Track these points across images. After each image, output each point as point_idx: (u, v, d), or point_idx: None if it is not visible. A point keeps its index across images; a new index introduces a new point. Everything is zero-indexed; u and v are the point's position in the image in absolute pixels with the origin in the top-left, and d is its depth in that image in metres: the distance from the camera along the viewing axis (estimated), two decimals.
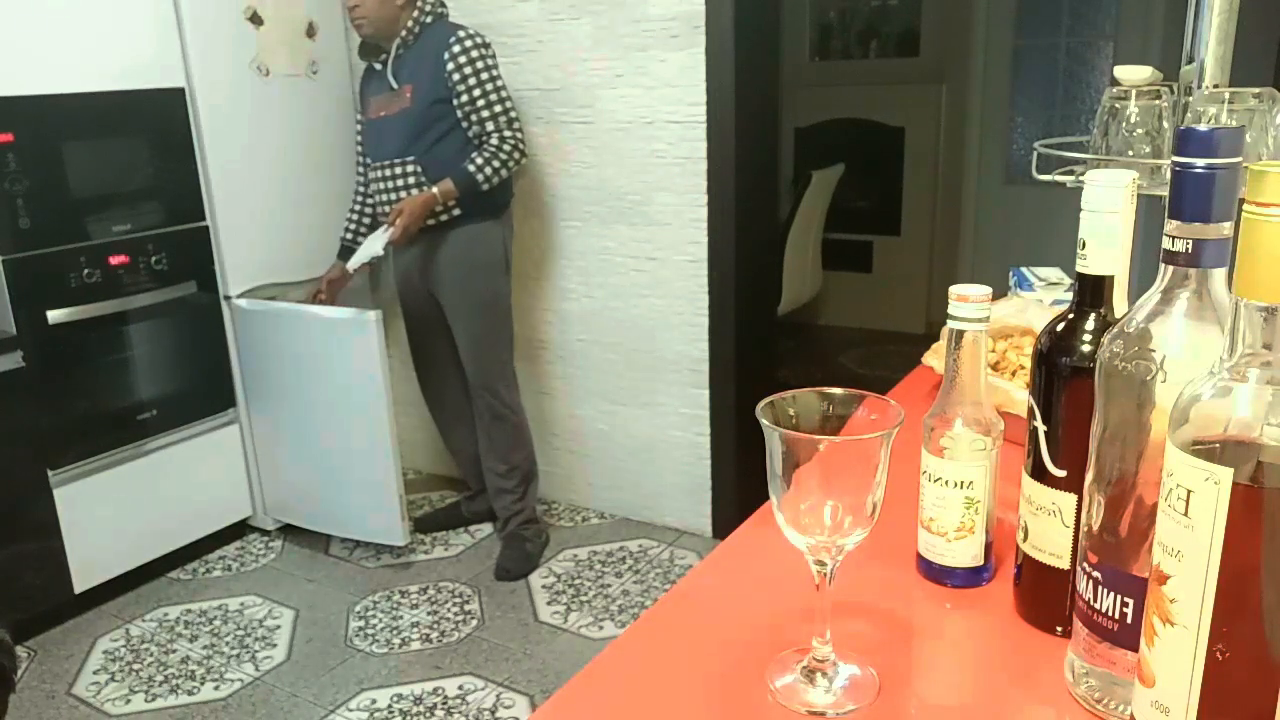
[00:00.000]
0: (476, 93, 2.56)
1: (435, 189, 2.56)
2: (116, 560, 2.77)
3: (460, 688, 2.34)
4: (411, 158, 2.60)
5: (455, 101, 2.57)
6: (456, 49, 2.53)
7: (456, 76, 2.54)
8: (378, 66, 2.65)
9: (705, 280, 2.85)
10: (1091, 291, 0.70)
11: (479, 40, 2.57)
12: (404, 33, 2.59)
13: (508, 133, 2.59)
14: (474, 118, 2.58)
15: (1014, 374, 1.14)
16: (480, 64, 2.55)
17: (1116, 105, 1.15)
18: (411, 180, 2.61)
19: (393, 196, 2.64)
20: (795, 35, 4.99)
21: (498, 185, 2.63)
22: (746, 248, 2.84)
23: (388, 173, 2.63)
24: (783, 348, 4.26)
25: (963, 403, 0.79)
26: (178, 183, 2.79)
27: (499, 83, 2.59)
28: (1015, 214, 4.60)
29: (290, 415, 2.96)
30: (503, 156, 2.58)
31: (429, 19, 2.61)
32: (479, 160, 2.57)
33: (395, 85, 2.60)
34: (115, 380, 2.74)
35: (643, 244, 2.93)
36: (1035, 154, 1.23)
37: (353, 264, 2.70)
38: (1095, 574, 0.65)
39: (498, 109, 2.58)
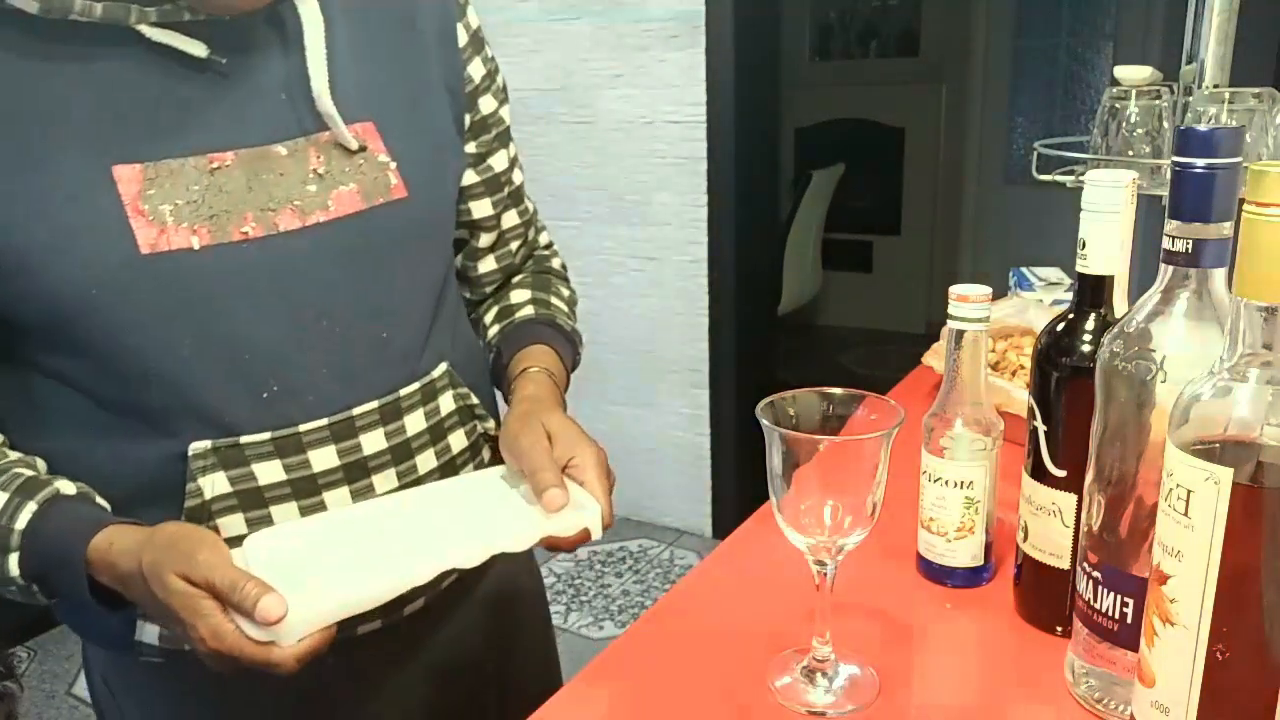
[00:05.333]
0: (510, 137, 0.98)
1: (547, 371, 0.90)
2: None
3: None
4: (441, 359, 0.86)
5: (475, 161, 0.93)
6: (473, 19, 0.90)
7: (491, 99, 0.92)
8: (216, 57, 0.71)
9: (705, 280, 2.85)
10: (1091, 291, 0.70)
11: None
12: None
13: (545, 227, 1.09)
14: (502, 198, 0.97)
15: (1014, 374, 1.14)
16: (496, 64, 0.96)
17: (1116, 105, 1.15)
18: (442, 401, 0.85)
19: (369, 451, 0.78)
20: (795, 35, 4.99)
21: None
22: (746, 248, 2.84)
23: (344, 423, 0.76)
24: (783, 348, 4.26)
25: (963, 403, 0.79)
26: None
27: None
28: (1015, 214, 4.60)
29: None
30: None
31: None
32: (555, 301, 1.02)
33: (341, 124, 0.75)
34: None
35: (643, 244, 2.92)
36: (1035, 154, 1.23)
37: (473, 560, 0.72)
38: (1095, 574, 0.65)
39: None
